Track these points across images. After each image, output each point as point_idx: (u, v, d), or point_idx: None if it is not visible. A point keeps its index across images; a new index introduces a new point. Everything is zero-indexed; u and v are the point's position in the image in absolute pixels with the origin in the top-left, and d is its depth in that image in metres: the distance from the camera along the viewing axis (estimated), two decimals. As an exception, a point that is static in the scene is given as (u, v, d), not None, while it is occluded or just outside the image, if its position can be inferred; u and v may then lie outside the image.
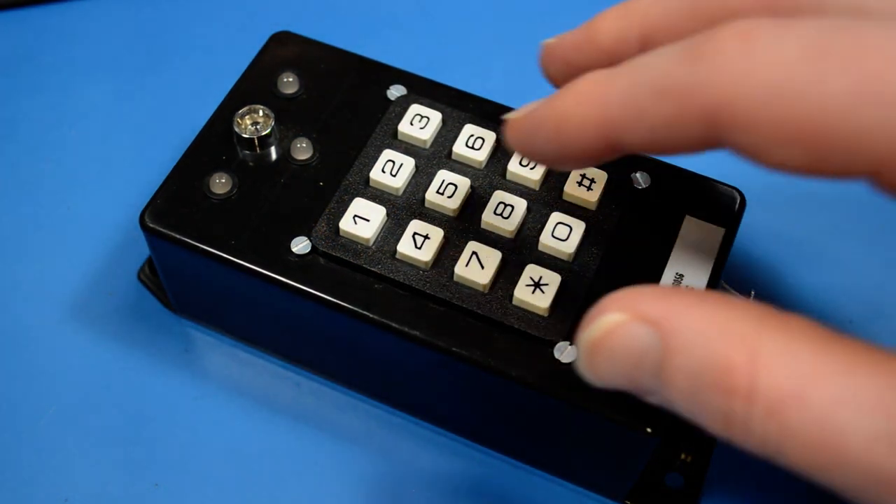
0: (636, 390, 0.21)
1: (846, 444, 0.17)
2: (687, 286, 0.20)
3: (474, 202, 0.29)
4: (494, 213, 0.28)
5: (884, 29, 0.18)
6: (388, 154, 0.30)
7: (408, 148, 0.30)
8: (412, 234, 0.28)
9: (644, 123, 0.21)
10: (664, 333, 0.20)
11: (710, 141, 0.20)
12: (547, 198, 0.29)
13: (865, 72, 0.17)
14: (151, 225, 0.29)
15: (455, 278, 0.27)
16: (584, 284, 0.27)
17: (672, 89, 0.20)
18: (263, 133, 0.30)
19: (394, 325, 0.27)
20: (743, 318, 0.19)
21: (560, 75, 0.26)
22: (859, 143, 0.17)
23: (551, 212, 0.29)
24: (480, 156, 0.30)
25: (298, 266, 0.28)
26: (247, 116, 0.30)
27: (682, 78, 0.19)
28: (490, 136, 0.30)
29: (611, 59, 0.24)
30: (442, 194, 0.29)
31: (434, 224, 0.28)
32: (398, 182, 0.29)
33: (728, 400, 0.19)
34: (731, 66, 0.19)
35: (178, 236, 0.29)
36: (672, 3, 0.23)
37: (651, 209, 0.29)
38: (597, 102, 0.21)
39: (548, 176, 0.30)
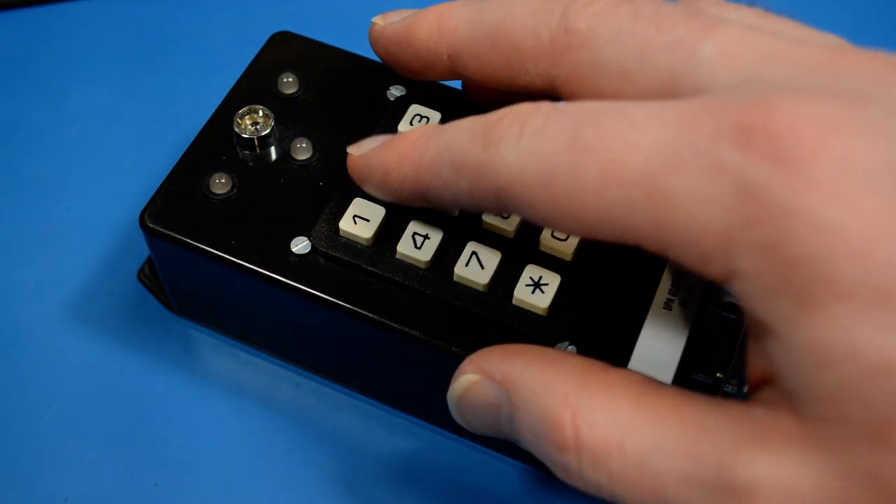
0: (503, 437, 0.23)
1: (663, 487, 0.19)
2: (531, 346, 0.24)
3: (474, 202, 0.29)
4: (494, 213, 0.28)
5: (623, 116, 0.20)
6: (388, 154, 0.30)
7: (408, 148, 0.30)
8: (412, 234, 0.28)
9: (448, 192, 0.24)
10: (508, 390, 0.22)
11: (505, 211, 0.23)
12: (547, 198, 0.29)
13: (607, 158, 0.20)
14: (151, 225, 0.29)
15: (455, 278, 0.27)
16: (584, 284, 0.27)
17: (466, 168, 0.22)
18: (263, 133, 0.30)
19: (394, 325, 0.27)
20: (568, 376, 0.22)
21: (384, 58, 0.29)
22: (612, 218, 0.20)
23: (551, 212, 0.29)
24: (480, 156, 0.30)
25: (298, 266, 0.28)
26: (247, 116, 0.30)
27: (473, 159, 0.22)
28: (490, 136, 0.30)
29: (425, 64, 0.27)
30: (442, 194, 0.29)
31: (434, 224, 0.28)
32: (398, 182, 0.29)
33: (562, 454, 0.21)
34: (508, 153, 0.21)
35: (177, 236, 0.29)
36: (478, 31, 0.25)
37: (651, 209, 0.29)
38: (413, 165, 0.24)
39: (548, 176, 0.30)
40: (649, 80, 0.22)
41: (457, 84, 0.32)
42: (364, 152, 0.26)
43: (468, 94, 0.31)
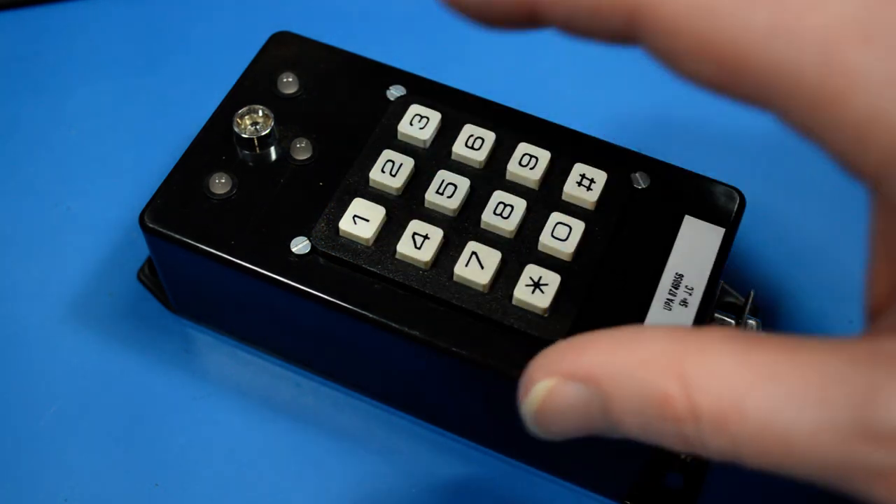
0: (595, 433, 0.22)
1: (793, 442, 0.18)
2: (606, 331, 0.22)
3: (474, 202, 0.29)
4: (494, 213, 0.28)
5: None
6: (387, 154, 0.30)
7: (407, 148, 0.30)
8: (412, 234, 0.28)
9: (565, 2, 0.20)
10: (597, 384, 0.21)
11: (625, 36, 0.19)
12: (547, 198, 0.29)
13: (788, 9, 0.17)
14: (151, 225, 0.29)
15: (455, 278, 0.27)
16: (584, 284, 0.27)
17: None
18: (263, 133, 0.30)
19: (394, 325, 0.27)
20: (662, 348, 0.20)
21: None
22: (767, 75, 0.18)
23: (551, 212, 0.29)
24: (480, 156, 0.30)
25: (298, 266, 0.28)
26: (247, 116, 0.30)
27: None
28: (490, 136, 0.30)
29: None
30: (442, 194, 0.29)
31: (434, 224, 0.28)
32: (398, 182, 0.29)
33: (678, 426, 0.20)
34: None
35: (177, 236, 0.29)
36: None
37: (651, 209, 0.29)
38: None
39: (547, 176, 0.30)
40: None
41: (457, 84, 0.32)
42: None
43: None
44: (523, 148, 0.30)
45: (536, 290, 0.27)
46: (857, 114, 0.17)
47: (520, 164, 0.29)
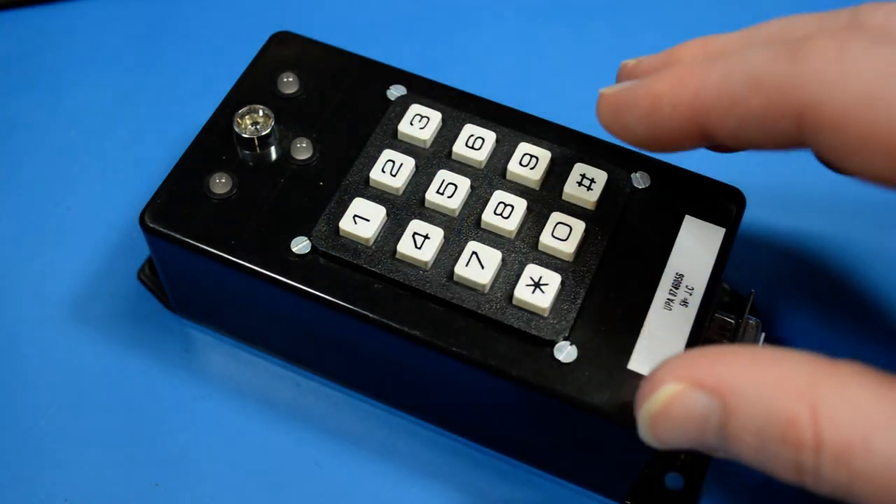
0: (701, 449, 0.21)
1: None
2: (737, 345, 0.22)
3: (474, 202, 0.29)
4: (494, 213, 0.28)
5: None
6: (388, 154, 0.30)
7: (408, 148, 0.30)
8: (412, 234, 0.28)
9: (735, 113, 0.21)
10: (723, 396, 0.20)
11: (793, 140, 0.20)
12: (547, 198, 0.29)
13: None
14: (151, 225, 0.29)
15: (455, 278, 0.27)
16: (584, 284, 0.27)
17: (766, 83, 0.20)
18: (263, 133, 0.30)
19: (394, 325, 0.27)
20: (797, 372, 0.20)
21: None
22: None
23: (551, 212, 0.29)
24: (480, 156, 0.30)
25: (298, 266, 0.28)
26: (247, 116, 0.30)
27: (777, 74, 0.20)
28: (490, 136, 0.30)
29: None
30: (442, 194, 0.29)
31: (434, 224, 0.28)
32: (398, 182, 0.29)
33: (796, 452, 0.19)
34: (826, 69, 0.19)
35: (178, 236, 0.29)
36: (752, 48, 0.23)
37: (651, 209, 0.29)
38: (692, 86, 0.22)
39: (548, 176, 0.30)
40: None
41: (457, 84, 0.32)
42: (621, 88, 0.24)
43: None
44: (523, 148, 0.30)
45: (536, 290, 0.27)
46: None
47: (520, 163, 0.29)
